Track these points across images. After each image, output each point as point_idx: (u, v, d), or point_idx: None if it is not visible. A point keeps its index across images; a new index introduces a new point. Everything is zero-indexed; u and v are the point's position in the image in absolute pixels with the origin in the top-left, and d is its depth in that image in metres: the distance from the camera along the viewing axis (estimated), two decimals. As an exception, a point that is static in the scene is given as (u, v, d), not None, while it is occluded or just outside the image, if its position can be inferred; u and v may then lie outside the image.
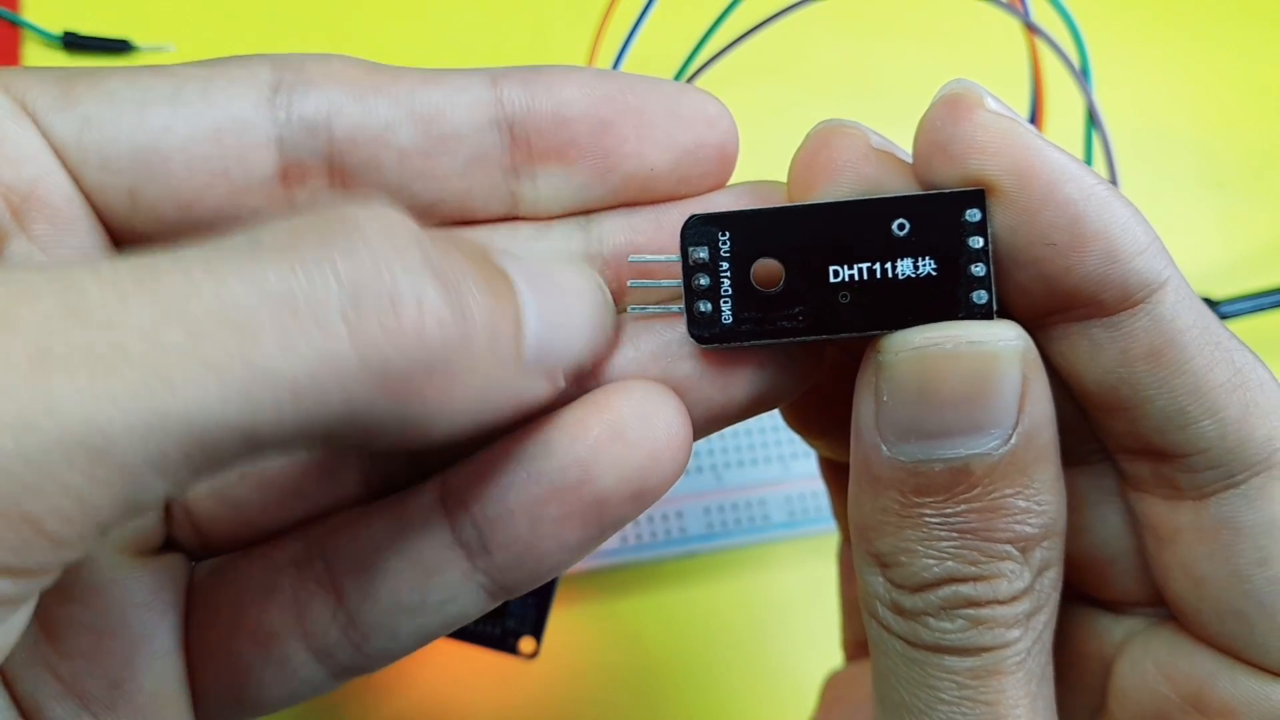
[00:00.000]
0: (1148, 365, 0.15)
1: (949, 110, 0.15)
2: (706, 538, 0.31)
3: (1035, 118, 0.29)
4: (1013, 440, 0.14)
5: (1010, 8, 0.27)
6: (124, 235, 0.16)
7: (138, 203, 0.15)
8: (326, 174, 0.16)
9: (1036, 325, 0.16)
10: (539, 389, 0.15)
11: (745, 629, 0.32)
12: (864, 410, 0.15)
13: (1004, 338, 0.14)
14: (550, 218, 0.17)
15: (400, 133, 0.16)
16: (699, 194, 0.17)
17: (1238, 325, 0.35)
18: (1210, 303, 0.35)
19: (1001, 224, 0.15)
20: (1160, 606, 0.17)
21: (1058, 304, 0.15)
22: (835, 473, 0.22)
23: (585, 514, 0.15)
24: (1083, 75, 0.27)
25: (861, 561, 0.16)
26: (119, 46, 0.31)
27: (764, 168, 0.17)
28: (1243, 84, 0.42)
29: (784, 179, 0.17)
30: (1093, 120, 0.27)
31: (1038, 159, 0.14)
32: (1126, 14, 0.41)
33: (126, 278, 0.11)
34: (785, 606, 0.32)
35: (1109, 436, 0.16)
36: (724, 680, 0.31)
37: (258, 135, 0.15)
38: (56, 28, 0.31)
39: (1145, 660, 0.17)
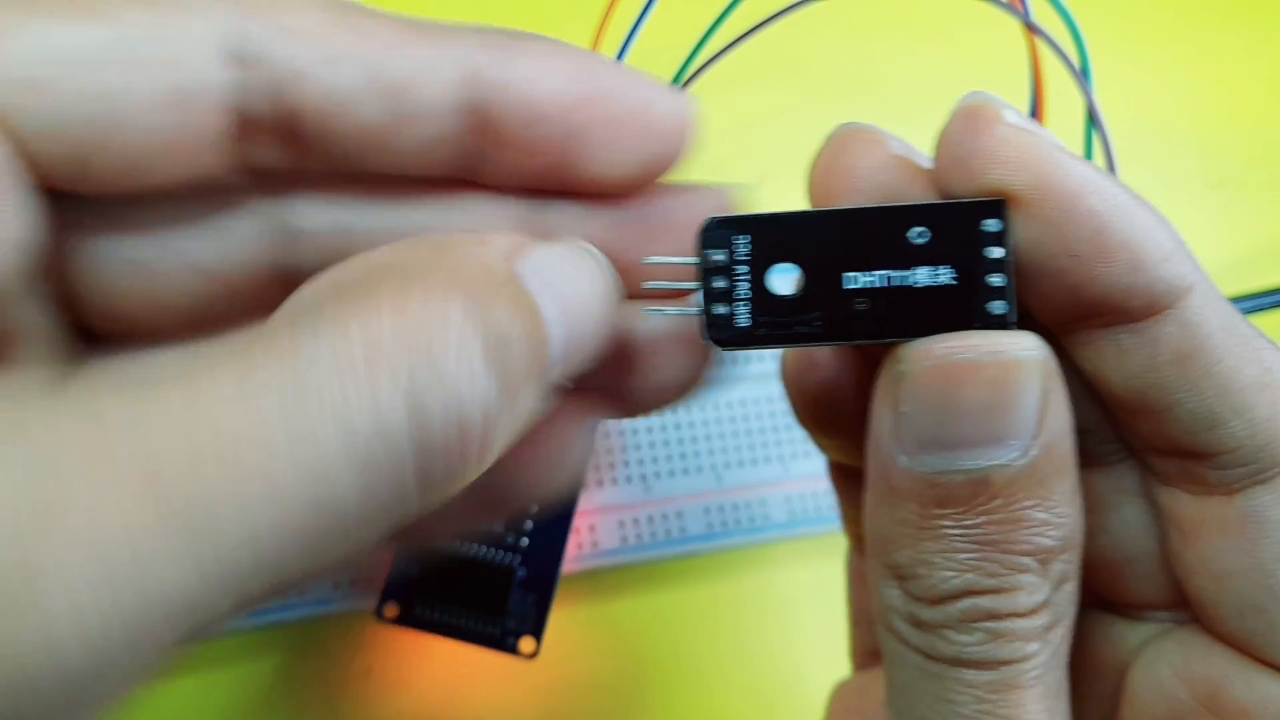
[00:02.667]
0: (1175, 369, 0.15)
1: (967, 124, 0.15)
2: (706, 538, 0.31)
3: (1035, 117, 0.29)
4: (1033, 451, 0.14)
5: (1010, 8, 0.27)
6: (66, 194, 0.14)
7: (88, 171, 0.14)
8: (279, 134, 0.15)
9: (1061, 331, 0.15)
10: (547, 403, 0.15)
11: (745, 629, 0.32)
12: (882, 421, 0.15)
13: (1025, 347, 0.14)
14: (500, 190, 0.17)
15: (364, 107, 0.15)
16: (642, 194, 0.17)
17: (1237, 325, 0.35)
18: (1210, 303, 0.34)
19: (1023, 236, 0.14)
20: (1177, 610, 0.17)
21: (1082, 312, 0.15)
22: (845, 479, 0.21)
23: None
24: (1083, 75, 0.27)
25: (877, 574, 0.15)
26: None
27: (764, 167, 0.17)
28: (1243, 84, 0.42)
29: (784, 178, 0.17)
30: (1092, 120, 0.27)
31: (1059, 172, 0.14)
32: (1126, 14, 0.41)
33: (198, 429, 0.10)
34: (786, 607, 0.32)
35: (1136, 437, 0.16)
36: (724, 681, 0.31)
37: (217, 96, 0.14)
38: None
39: (1160, 664, 0.17)
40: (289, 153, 0.16)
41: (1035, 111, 0.29)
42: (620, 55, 0.28)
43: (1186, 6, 0.42)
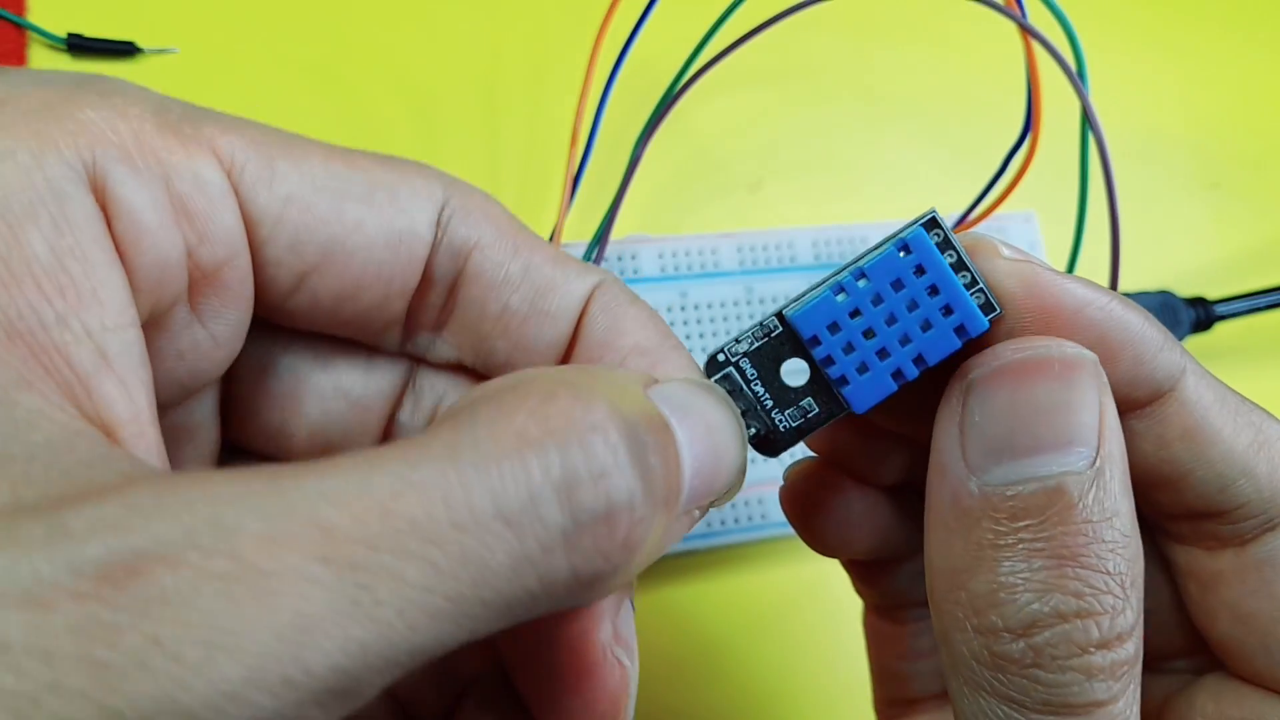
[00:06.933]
0: (1183, 444, 0.16)
1: (969, 258, 0.16)
2: (704, 536, 0.31)
3: (1031, 120, 0.29)
4: (1098, 460, 0.14)
5: (1006, 11, 0.27)
6: (272, 308, 0.16)
7: (303, 286, 0.16)
8: (444, 297, 0.17)
9: None
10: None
11: (743, 628, 0.32)
12: (948, 445, 0.15)
13: (1078, 347, 0.15)
14: None
15: (515, 293, 0.17)
16: None
17: (1232, 325, 0.35)
18: (1205, 303, 0.35)
19: None
20: (1195, 657, 0.18)
21: None
22: (878, 618, 0.22)
23: None
24: (1078, 77, 0.27)
25: (949, 621, 0.15)
26: (124, 49, 0.31)
27: (763, 168, 0.17)
28: (1237, 86, 0.42)
29: (783, 180, 0.17)
30: (1088, 122, 0.28)
31: (1058, 292, 0.15)
32: (1122, 17, 0.41)
33: (367, 509, 0.11)
34: (784, 605, 0.32)
35: (1152, 506, 0.17)
36: (723, 677, 0.31)
37: (423, 249, 0.16)
38: (61, 29, 0.31)
39: (1192, 713, 0.17)
40: (440, 316, 0.18)
41: (1031, 114, 0.29)
42: (620, 57, 0.28)
43: (1182, 9, 0.42)
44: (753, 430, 0.17)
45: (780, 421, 0.17)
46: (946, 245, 0.16)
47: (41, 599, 0.09)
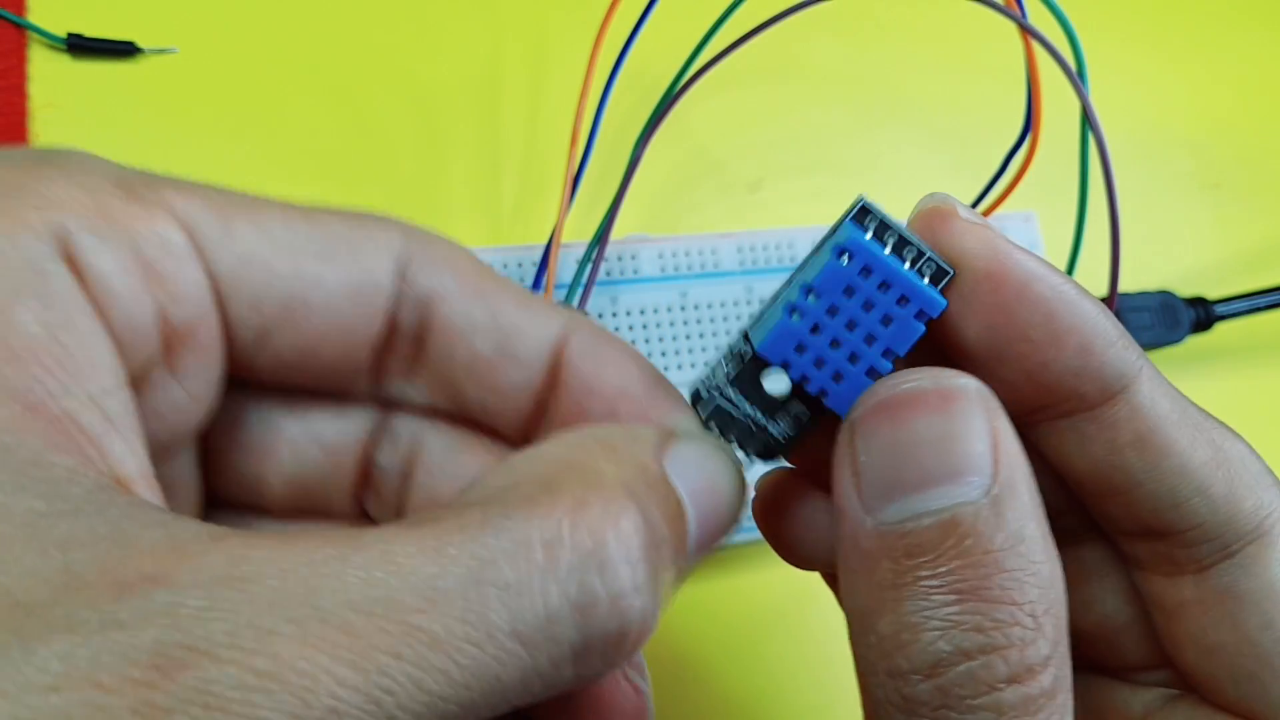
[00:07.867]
0: (1135, 452, 0.16)
1: (929, 221, 0.16)
2: (706, 536, 0.31)
3: (1031, 120, 0.30)
4: (994, 489, 0.14)
5: (1006, 10, 0.27)
6: (239, 365, 0.16)
7: (266, 343, 0.16)
8: (411, 347, 0.17)
9: (1025, 424, 0.16)
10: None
11: (743, 628, 0.32)
12: (844, 484, 0.15)
13: (962, 376, 0.15)
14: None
15: (482, 338, 0.17)
16: None
17: (1232, 326, 0.35)
18: (1205, 303, 0.35)
19: (981, 324, 0.15)
20: (1174, 668, 0.18)
21: (1042, 399, 0.16)
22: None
23: None
24: (1078, 77, 0.27)
25: (865, 663, 0.15)
26: (124, 49, 0.31)
27: (763, 168, 0.17)
28: (1238, 86, 0.42)
29: (783, 179, 0.17)
30: (1088, 122, 0.28)
31: (1010, 260, 0.15)
32: (1122, 17, 0.42)
33: (393, 622, 0.11)
34: (784, 605, 0.32)
35: (1106, 520, 0.17)
36: (722, 678, 0.31)
37: (384, 301, 0.16)
38: (61, 30, 0.31)
39: None
40: (409, 365, 0.18)
41: (1031, 114, 0.29)
42: (621, 57, 0.28)
43: (1182, 9, 0.42)
44: (752, 452, 0.17)
45: (776, 432, 0.17)
46: (883, 229, 0.15)
47: (102, 682, 0.10)
